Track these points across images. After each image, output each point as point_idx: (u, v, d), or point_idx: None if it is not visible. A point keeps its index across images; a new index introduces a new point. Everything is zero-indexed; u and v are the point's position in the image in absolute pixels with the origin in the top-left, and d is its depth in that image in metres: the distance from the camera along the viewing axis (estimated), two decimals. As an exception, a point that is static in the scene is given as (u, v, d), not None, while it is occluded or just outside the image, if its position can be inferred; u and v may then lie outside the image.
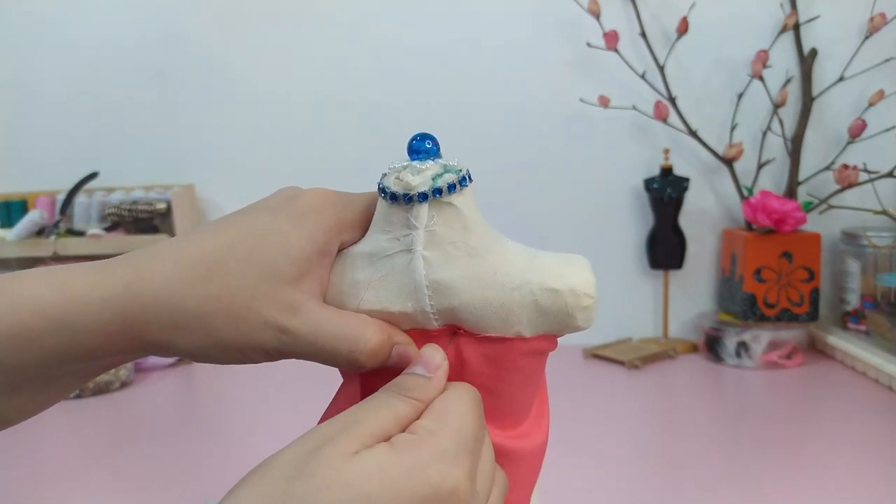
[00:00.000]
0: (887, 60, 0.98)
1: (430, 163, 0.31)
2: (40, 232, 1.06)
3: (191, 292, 0.31)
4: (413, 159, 0.31)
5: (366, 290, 0.32)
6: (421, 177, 0.31)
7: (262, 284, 0.31)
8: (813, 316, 0.97)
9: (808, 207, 0.98)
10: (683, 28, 1.00)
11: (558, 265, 0.32)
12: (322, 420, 0.34)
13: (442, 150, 0.32)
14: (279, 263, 0.31)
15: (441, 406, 0.29)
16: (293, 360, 0.34)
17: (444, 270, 0.31)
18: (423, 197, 0.30)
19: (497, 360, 0.32)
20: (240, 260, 0.31)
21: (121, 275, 0.31)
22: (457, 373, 0.32)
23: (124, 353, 0.31)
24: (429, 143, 0.31)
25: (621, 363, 0.97)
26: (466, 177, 0.31)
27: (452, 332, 0.32)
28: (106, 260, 0.32)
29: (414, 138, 0.31)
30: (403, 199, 0.31)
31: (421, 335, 0.33)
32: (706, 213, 1.07)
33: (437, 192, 0.30)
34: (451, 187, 0.31)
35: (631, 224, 1.08)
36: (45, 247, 1.05)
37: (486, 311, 0.31)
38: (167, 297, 0.30)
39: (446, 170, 0.31)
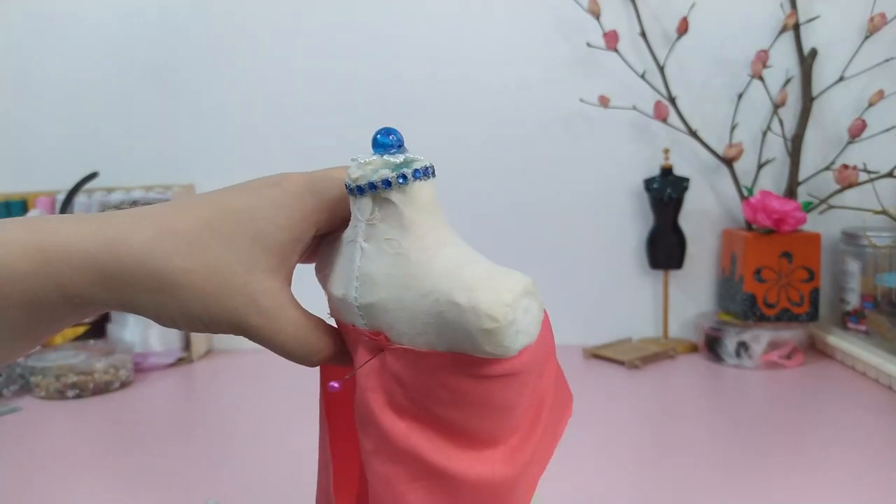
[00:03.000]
0: (887, 60, 0.98)
1: (375, 157, 0.31)
2: (40, 232, 1.06)
3: (168, 263, 0.31)
4: (375, 153, 0.32)
5: (332, 272, 0.34)
6: (362, 170, 0.31)
7: (238, 268, 0.32)
8: (813, 316, 0.97)
9: (808, 207, 0.98)
10: (683, 28, 1.00)
11: (478, 278, 0.29)
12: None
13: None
14: (255, 251, 0.32)
15: None
16: (292, 360, 0.35)
17: (374, 264, 0.31)
18: (361, 190, 0.31)
19: (424, 374, 0.31)
20: (218, 241, 0.32)
21: (100, 230, 0.31)
22: (381, 380, 0.32)
23: (99, 304, 0.32)
24: (391, 137, 0.32)
25: (621, 363, 0.97)
26: (421, 171, 0.31)
27: (380, 337, 0.32)
28: (80, 214, 0.33)
29: (378, 133, 0.32)
30: (354, 191, 0.32)
31: (353, 332, 0.33)
32: (706, 213, 1.07)
33: (372, 186, 0.31)
34: (386, 183, 0.31)
35: (631, 224, 1.08)
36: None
37: (399, 313, 0.30)
38: (145, 261, 0.31)
39: (405, 163, 0.31)
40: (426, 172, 0.31)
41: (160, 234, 0.32)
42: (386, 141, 0.31)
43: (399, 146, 0.32)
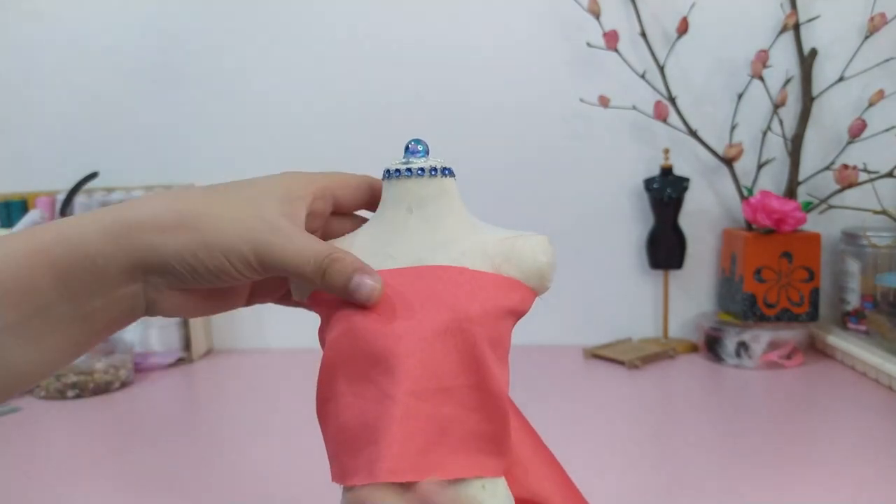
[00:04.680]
0: (887, 60, 0.98)
1: (422, 158, 0.40)
2: (40, 232, 1.06)
3: (187, 205, 0.36)
4: (406, 157, 0.40)
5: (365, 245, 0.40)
6: (418, 162, 0.40)
7: (248, 208, 0.36)
8: (813, 316, 0.97)
9: (808, 207, 0.98)
10: (683, 28, 1.00)
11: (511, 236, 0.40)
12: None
13: (435, 150, 0.41)
14: (265, 201, 0.37)
15: None
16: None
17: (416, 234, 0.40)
18: (410, 172, 0.39)
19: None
20: (232, 191, 0.37)
21: (107, 210, 0.36)
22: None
23: (123, 264, 0.34)
24: (420, 146, 0.40)
25: (621, 363, 0.97)
26: (449, 171, 0.40)
27: None
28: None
29: (410, 142, 0.40)
30: (405, 174, 0.39)
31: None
32: (706, 213, 1.07)
33: (421, 171, 0.39)
34: (433, 170, 0.40)
35: (631, 224, 1.08)
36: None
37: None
38: (164, 206, 0.35)
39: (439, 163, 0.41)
40: (452, 173, 0.40)
41: (168, 194, 0.36)
42: (416, 148, 0.40)
43: (426, 153, 0.40)
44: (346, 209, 0.43)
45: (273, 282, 0.42)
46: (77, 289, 0.34)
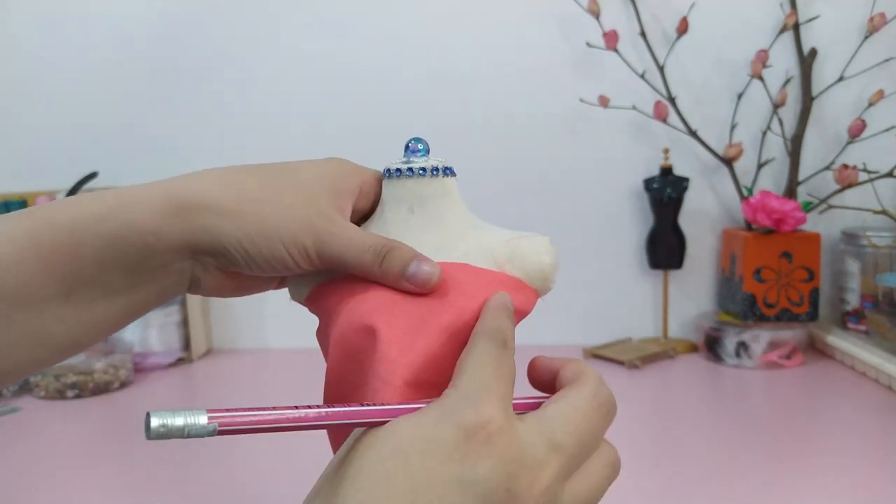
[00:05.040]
0: (887, 60, 0.98)
1: (423, 157, 0.40)
2: (40, 232, 1.06)
3: (244, 187, 0.35)
4: (406, 156, 0.40)
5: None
6: (419, 161, 0.40)
7: (304, 198, 0.36)
8: (813, 316, 0.97)
9: (808, 207, 0.98)
10: (683, 28, 1.00)
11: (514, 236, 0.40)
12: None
13: (435, 150, 0.41)
14: (319, 192, 0.37)
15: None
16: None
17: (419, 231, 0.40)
18: (411, 172, 0.39)
19: None
20: (284, 182, 0.37)
21: (161, 185, 0.35)
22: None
23: (175, 241, 0.34)
24: (420, 145, 0.40)
25: (621, 363, 0.96)
26: (450, 170, 0.40)
27: None
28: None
29: (410, 140, 0.40)
30: (406, 173, 0.39)
31: None
32: (706, 213, 1.07)
33: (423, 170, 0.39)
34: (434, 170, 0.39)
35: (631, 224, 1.08)
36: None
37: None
38: (221, 187, 0.35)
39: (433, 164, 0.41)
40: (453, 172, 0.40)
41: (227, 171, 0.37)
42: (417, 147, 0.40)
43: (427, 152, 0.40)
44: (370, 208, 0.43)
45: None
46: (124, 264, 0.34)
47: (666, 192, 1.02)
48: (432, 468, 0.26)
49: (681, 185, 1.02)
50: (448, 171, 0.40)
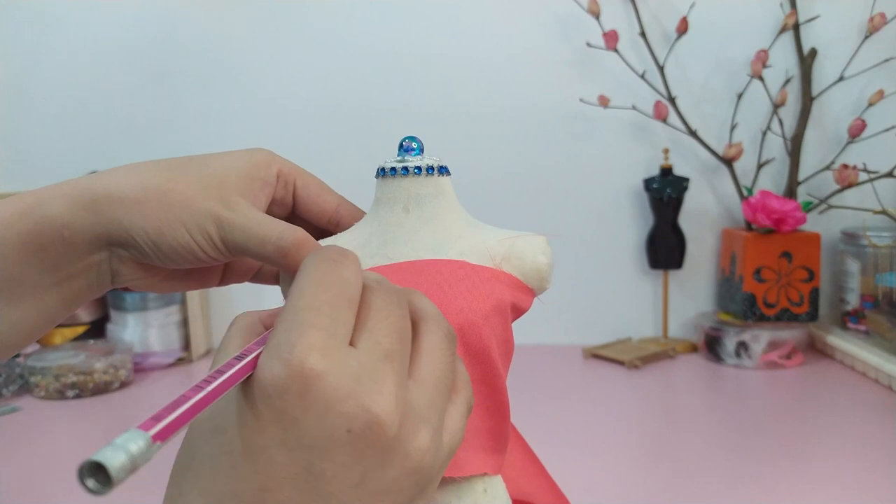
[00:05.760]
0: (887, 60, 0.98)
1: (417, 156, 0.40)
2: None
3: (152, 179, 0.36)
4: (400, 155, 0.39)
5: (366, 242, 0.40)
6: (414, 160, 0.39)
7: (212, 185, 0.37)
8: (813, 316, 0.97)
9: (808, 207, 0.98)
10: (683, 28, 1.00)
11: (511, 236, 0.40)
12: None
13: (435, 150, 0.41)
14: (230, 178, 0.38)
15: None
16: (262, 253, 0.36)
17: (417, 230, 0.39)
18: (406, 171, 0.39)
19: None
20: (190, 170, 0.37)
21: (74, 181, 0.36)
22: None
23: (89, 234, 0.35)
24: (415, 143, 0.39)
25: (621, 363, 0.96)
26: (445, 169, 0.40)
27: None
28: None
29: (404, 139, 0.40)
30: (401, 172, 0.39)
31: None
32: (706, 213, 1.07)
33: (418, 169, 0.39)
34: (430, 169, 0.39)
35: (631, 224, 1.08)
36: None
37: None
38: (130, 180, 0.35)
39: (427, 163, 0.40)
40: (448, 171, 0.40)
41: (137, 166, 0.37)
42: (410, 146, 0.39)
43: (421, 150, 0.40)
44: (304, 210, 0.42)
45: (245, 261, 0.42)
46: (45, 259, 0.35)
47: (666, 191, 1.02)
48: (247, 438, 0.25)
49: (681, 185, 1.02)
50: (443, 170, 0.39)
